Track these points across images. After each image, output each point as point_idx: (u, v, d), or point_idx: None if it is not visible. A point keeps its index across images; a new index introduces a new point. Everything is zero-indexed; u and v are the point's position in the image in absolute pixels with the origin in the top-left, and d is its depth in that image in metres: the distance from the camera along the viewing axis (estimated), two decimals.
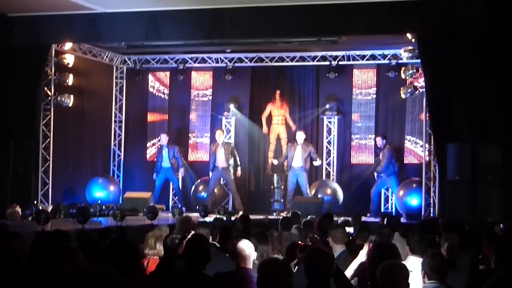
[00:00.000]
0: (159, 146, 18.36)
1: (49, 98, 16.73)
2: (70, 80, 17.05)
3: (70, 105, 17.11)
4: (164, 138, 17.96)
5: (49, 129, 16.67)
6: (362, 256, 6.67)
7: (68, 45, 17.13)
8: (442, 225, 10.21)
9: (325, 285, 5.12)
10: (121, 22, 14.81)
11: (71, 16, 14.79)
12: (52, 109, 16.74)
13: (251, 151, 19.03)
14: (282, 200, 17.73)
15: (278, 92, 18.25)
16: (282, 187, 17.81)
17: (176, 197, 18.50)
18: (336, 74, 18.11)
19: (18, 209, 13.80)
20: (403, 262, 5.45)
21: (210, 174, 17.54)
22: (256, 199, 18.59)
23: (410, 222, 14.09)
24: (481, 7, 12.83)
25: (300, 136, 17.22)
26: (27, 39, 15.22)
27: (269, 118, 18.51)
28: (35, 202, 15.51)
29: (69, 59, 17.14)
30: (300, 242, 6.84)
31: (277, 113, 18.19)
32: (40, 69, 16.22)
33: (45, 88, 16.64)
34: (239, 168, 17.42)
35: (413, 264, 6.34)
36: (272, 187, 17.99)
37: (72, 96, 17.07)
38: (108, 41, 16.84)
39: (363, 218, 12.91)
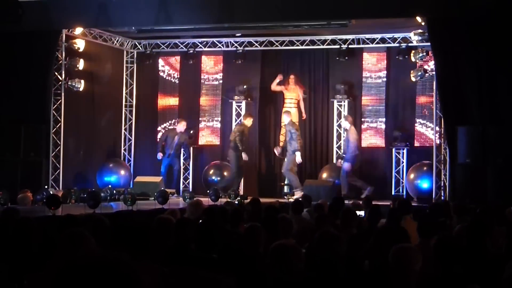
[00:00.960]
0: (170, 129, 18.42)
1: (60, 83, 16.77)
2: (81, 65, 17.09)
3: (81, 89, 17.17)
4: (182, 126, 18.00)
5: (59, 114, 16.72)
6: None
7: (78, 30, 17.16)
8: (453, 208, 10.21)
9: (336, 268, 5.13)
10: (131, 7, 14.81)
11: (81, 1, 14.81)
12: (62, 94, 16.79)
13: (262, 134, 19.03)
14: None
15: (292, 77, 18.14)
16: None
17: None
18: (346, 58, 18.05)
19: (29, 194, 13.86)
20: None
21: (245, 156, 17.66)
22: (267, 183, 18.61)
23: (421, 205, 14.08)
24: None
25: (285, 118, 17.49)
26: (38, 24, 15.23)
27: (282, 100, 18.53)
28: (46, 187, 15.57)
29: (79, 44, 17.16)
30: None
31: (290, 95, 18.13)
32: (50, 54, 16.25)
33: (56, 73, 16.67)
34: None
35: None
36: (282, 170, 18.01)
37: (82, 81, 17.12)
38: (118, 26, 16.85)
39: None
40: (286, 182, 17.78)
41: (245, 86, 18.70)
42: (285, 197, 17.10)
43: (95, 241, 5.08)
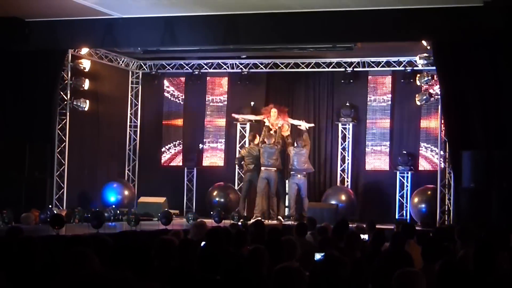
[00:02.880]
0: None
1: (65, 102, 16.81)
2: (86, 84, 17.16)
3: (86, 109, 17.23)
4: None
5: (64, 133, 16.75)
6: None
7: (84, 50, 17.25)
8: (457, 232, 10.16)
9: None
10: (137, 28, 14.87)
11: (88, 22, 14.86)
12: (68, 113, 16.83)
13: None
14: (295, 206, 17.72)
15: (273, 109, 17.41)
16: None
17: None
18: (351, 81, 18.10)
19: (36, 213, 13.86)
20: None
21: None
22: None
23: (425, 229, 14.03)
24: (496, 15, 12.79)
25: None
26: (44, 44, 15.31)
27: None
28: (50, 206, 15.56)
29: (85, 64, 17.24)
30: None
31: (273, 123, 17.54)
32: (56, 73, 16.33)
33: (61, 93, 16.72)
34: None
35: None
36: (285, 193, 17.98)
37: (88, 101, 17.18)
38: (124, 46, 16.91)
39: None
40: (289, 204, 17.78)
41: (252, 103, 18.67)
42: (288, 219, 17.06)
43: (99, 261, 5.06)
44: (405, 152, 17.65)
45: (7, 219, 13.17)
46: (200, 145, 19.06)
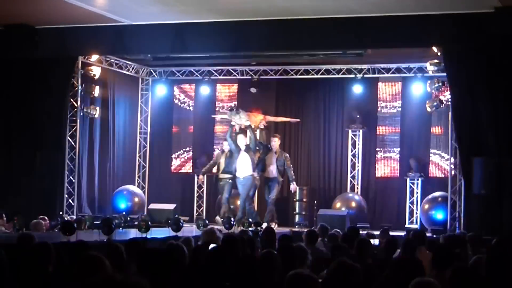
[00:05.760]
0: None
1: (76, 109, 16.85)
2: (96, 91, 17.21)
3: (96, 116, 17.27)
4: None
5: (75, 140, 16.78)
6: None
7: (94, 57, 17.29)
8: (468, 239, 10.14)
9: None
10: (147, 35, 14.91)
11: (97, 28, 14.90)
12: (78, 120, 16.86)
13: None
14: (304, 213, 17.72)
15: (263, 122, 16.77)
16: (305, 199, 17.79)
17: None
18: (361, 87, 18.08)
19: (46, 221, 13.87)
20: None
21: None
22: (279, 212, 18.51)
23: (436, 236, 13.99)
24: (506, 20, 12.77)
25: (275, 142, 16.48)
26: (54, 51, 15.36)
27: (297, 129, 18.61)
28: (61, 213, 15.58)
29: (95, 71, 17.28)
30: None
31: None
32: (66, 80, 16.36)
33: (72, 100, 16.76)
34: None
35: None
36: (294, 199, 17.97)
37: (98, 108, 17.23)
38: (134, 53, 16.95)
39: None
40: (298, 211, 17.75)
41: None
42: (297, 226, 17.05)
43: (111, 266, 5.06)
44: (415, 159, 17.62)
45: (18, 226, 13.19)
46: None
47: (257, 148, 16.30)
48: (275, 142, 16.37)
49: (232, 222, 14.56)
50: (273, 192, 16.17)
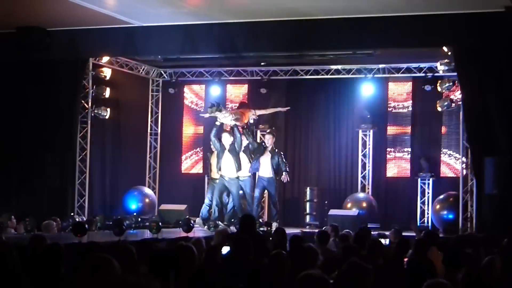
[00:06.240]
0: None
1: (86, 110, 16.89)
2: (107, 93, 17.25)
3: (107, 117, 17.31)
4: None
5: (86, 141, 16.82)
6: None
7: (105, 59, 17.33)
8: (480, 239, 10.10)
9: None
10: (157, 36, 14.92)
11: (108, 30, 14.93)
12: (89, 121, 16.90)
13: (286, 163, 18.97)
14: (314, 214, 17.72)
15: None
16: (315, 200, 17.78)
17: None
18: (372, 87, 18.05)
19: (58, 221, 13.92)
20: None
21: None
22: (290, 212, 18.52)
23: (447, 236, 13.95)
24: None
25: (269, 139, 15.64)
26: (65, 53, 15.40)
27: (307, 129, 18.60)
28: (72, 214, 15.63)
29: (106, 72, 17.33)
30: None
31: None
32: (78, 82, 16.41)
33: (83, 101, 16.80)
34: None
35: None
36: (305, 200, 17.96)
37: (108, 109, 17.27)
38: (144, 54, 16.97)
39: None
40: (309, 211, 17.74)
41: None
42: (308, 226, 17.03)
43: (121, 268, 5.06)
44: (426, 158, 17.58)
45: (30, 227, 13.25)
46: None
47: (250, 148, 15.49)
48: (269, 140, 15.57)
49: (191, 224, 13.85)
50: (270, 192, 15.50)
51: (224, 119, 15.36)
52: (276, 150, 15.71)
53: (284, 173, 15.55)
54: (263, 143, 15.76)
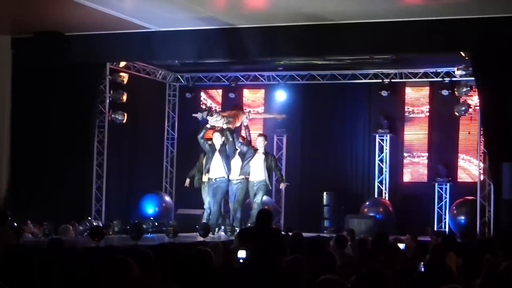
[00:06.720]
0: None
1: (104, 115, 16.94)
2: (124, 97, 17.30)
3: (124, 122, 17.36)
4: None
5: (103, 146, 16.87)
6: None
7: (122, 63, 17.39)
8: (498, 245, 10.04)
9: None
10: (174, 41, 14.96)
11: (126, 35, 14.98)
12: (106, 126, 16.95)
13: (305, 169, 18.97)
14: (331, 218, 17.70)
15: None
16: (332, 204, 17.78)
17: None
18: (389, 92, 18.00)
19: (76, 226, 13.98)
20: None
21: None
22: (307, 217, 18.48)
23: (465, 242, 13.88)
24: None
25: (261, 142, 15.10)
26: (83, 58, 15.46)
27: (322, 133, 18.57)
28: (89, 218, 15.67)
29: (123, 77, 17.39)
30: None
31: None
32: (95, 87, 16.45)
33: (100, 106, 16.86)
34: None
35: None
36: (322, 204, 17.95)
37: (125, 114, 17.32)
38: (161, 59, 17.02)
39: None
40: (326, 216, 17.71)
41: (284, 116, 18.60)
42: (325, 231, 17.01)
43: (138, 270, 5.07)
44: (443, 163, 17.52)
45: (48, 231, 13.31)
46: None
47: (239, 150, 15.07)
48: (261, 143, 15.03)
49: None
50: (258, 196, 14.82)
51: (216, 123, 15.13)
52: (269, 153, 15.36)
53: (282, 183, 15.35)
54: (252, 146, 15.17)
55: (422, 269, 7.63)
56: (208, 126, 15.18)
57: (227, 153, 14.88)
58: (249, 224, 14.06)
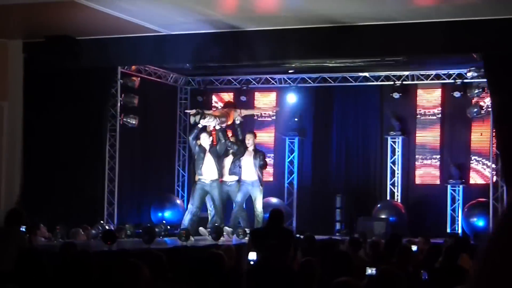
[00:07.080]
0: None
1: (115, 119, 16.98)
2: (136, 101, 17.33)
3: (136, 126, 17.39)
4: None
5: (115, 149, 16.90)
6: None
7: (133, 67, 17.42)
8: None
9: None
10: (185, 44, 14.97)
11: (137, 39, 15.01)
12: (118, 130, 16.99)
13: (316, 171, 18.96)
14: (344, 221, 17.69)
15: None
16: (344, 207, 17.76)
17: None
18: (400, 94, 17.97)
19: (89, 230, 14.00)
20: None
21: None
22: (320, 219, 18.46)
23: (478, 243, 13.82)
24: None
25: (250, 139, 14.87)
26: (95, 61, 15.50)
27: (331, 135, 18.55)
28: (102, 222, 15.70)
29: (134, 81, 17.42)
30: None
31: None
32: (106, 90, 16.50)
33: (111, 109, 16.90)
34: None
35: None
36: (334, 207, 17.93)
37: (137, 117, 17.35)
38: (173, 62, 17.04)
39: None
40: (338, 219, 17.68)
41: (296, 119, 18.67)
42: (337, 234, 16.99)
43: (152, 276, 5.08)
44: (456, 165, 17.47)
45: (60, 235, 13.34)
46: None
47: (230, 149, 14.84)
48: (250, 140, 14.84)
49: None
50: (257, 202, 14.70)
51: (207, 122, 14.79)
52: (259, 150, 15.14)
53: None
54: (241, 143, 14.93)
55: (425, 277, 7.61)
56: (200, 126, 14.80)
57: (217, 153, 14.66)
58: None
